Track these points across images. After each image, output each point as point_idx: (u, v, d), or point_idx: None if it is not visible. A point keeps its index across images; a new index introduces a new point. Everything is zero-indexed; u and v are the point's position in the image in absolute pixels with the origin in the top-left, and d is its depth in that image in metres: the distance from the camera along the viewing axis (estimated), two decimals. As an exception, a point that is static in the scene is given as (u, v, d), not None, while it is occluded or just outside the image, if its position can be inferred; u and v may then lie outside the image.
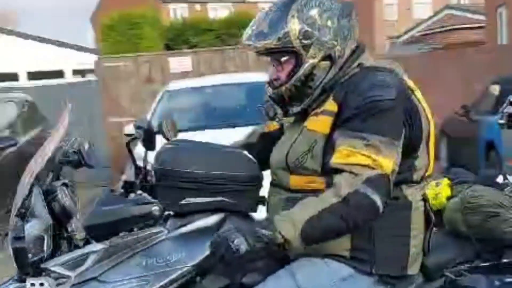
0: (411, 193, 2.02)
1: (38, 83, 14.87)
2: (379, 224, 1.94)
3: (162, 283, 2.02)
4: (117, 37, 14.06)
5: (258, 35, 2.03)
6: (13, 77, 17.69)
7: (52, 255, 2.07)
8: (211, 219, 2.11)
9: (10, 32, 19.17)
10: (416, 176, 2.02)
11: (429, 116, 2.03)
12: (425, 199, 2.09)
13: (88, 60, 17.57)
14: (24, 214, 2.04)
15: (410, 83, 2.03)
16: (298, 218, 1.86)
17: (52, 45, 19.93)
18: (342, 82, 2.02)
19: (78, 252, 2.08)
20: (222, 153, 2.23)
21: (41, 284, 2.03)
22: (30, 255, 2.03)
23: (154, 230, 2.10)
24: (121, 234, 2.09)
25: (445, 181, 2.35)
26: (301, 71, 2.03)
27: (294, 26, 2.00)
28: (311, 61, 2.02)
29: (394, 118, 1.90)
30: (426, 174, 2.07)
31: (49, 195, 2.13)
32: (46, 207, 2.07)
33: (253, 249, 1.82)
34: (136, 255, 2.07)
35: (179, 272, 2.04)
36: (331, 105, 1.99)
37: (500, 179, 2.28)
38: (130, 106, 11.03)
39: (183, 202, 2.06)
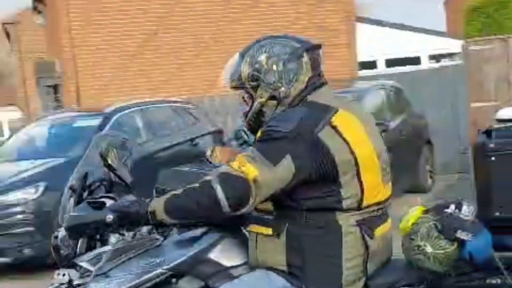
0: (343, 218, 2.19)
1: (397, 69, 15.16)
2: (310, 244, 2.19)
3: (137, 281, 2.39)
4: (483, 19, 13.56)
5: (226, 76, 2.43)
6: (372, 65, 18.33)
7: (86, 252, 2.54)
8: (198, 231, 2.47)
9: (368, 21, 19.86)
10: (345, 204, 2.19)
11: (358, 149, 2.19)
12: (361, 225, 2.21)
13: (443, 45, 17.28)
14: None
15: (337, 121, 2.20)
16: (167, 196, 2.27)
17: (407, 31, 20.08)
18: None
19: (99, 250, 2.51)
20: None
21: (63, 275, 2.50)
22: (62, 251, 2.53)
23: (152, 237, 2.51)
24: (129, 237, 2.50)
25: (420, 207, 2.31)
26: (253, 109, 2.37)
27: (244, 69, 2.35)
28: (259, 100, 2.34)
29: (279, 146, 2.16)
30: (368, 202, 2.22)
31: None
32: None
33: (134, 210, 2.28)
34: (136, 256, 2.47)
35: (154, 272, 2.40)
36: (259, 133, 2.30)
37: (451, 208, 2.21)
38: (495, 90, 10.53)
39: None
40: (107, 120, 7.97)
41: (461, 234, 2.09)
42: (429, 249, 2.13)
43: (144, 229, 2.50)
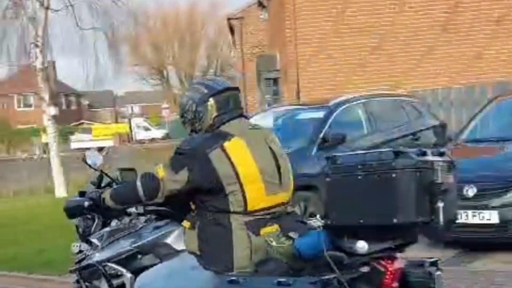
0: (234, 219, 2.91)
1: None
2: (211, 237, 2.93)
3: (114, 253, 3.33)
4: None
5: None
6: None
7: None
8: (163, 222, 3.37)
9: None
10: (232, 208, 2.91)
11: (240, 168, 2.89)
12: (248, 225, 2.90)
13: None
14: None
15: (229, 145, 2.92)
16: (115, 187, 3.41)
17: None
18: None
19: (103, 230, 3.47)
20: None
21: (76, 246, 3.51)
22: (80, 229, 3.55)
23: (135, 223, 3.43)
24: (124, 221, 3.50)
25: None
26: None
27: (179, 108, 3.17)
28: (188, 132, 3.15)
29: (180, 160, 2.96)
30: (253, 208, 2.91)
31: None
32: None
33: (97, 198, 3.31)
34: (123, 237, 3.40)
35: (123, 249, 3.33)
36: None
37: (317, 217, 2.91)
38: None
39: (147, 209, 3.33)
40: (331, 112, 8.12)
41: (292, 234, 2.79)
42: (274, 243, 2.81)
43: (142, 218, 3.42)
